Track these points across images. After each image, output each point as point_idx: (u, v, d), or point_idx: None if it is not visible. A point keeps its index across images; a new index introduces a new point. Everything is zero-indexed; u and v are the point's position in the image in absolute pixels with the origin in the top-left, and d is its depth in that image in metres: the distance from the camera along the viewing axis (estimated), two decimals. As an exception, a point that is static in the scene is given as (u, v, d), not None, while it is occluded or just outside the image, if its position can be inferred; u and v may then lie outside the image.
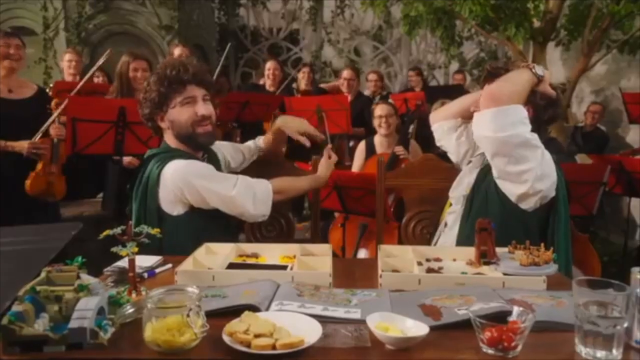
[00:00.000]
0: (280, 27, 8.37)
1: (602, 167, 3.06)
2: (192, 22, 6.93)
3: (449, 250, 1.57)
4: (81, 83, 3.08)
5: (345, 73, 4.89)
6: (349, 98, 4.62)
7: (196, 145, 1.79)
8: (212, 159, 1.87)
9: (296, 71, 5.45)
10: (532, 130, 1.65)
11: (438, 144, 2.10)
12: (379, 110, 3.69)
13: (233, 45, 8.27)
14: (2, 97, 2.76)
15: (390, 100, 4.42)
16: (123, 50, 3.42)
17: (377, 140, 3.75)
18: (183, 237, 1.64)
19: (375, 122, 3.71)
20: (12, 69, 2.80)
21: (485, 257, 1.40)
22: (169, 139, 1.80)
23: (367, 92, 5.57)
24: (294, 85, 5.34)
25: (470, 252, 1.46)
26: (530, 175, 1.57)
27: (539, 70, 1.66)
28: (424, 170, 2.19)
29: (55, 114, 2.82)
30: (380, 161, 2.25)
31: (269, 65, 4.87)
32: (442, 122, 2.05)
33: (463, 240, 1.74)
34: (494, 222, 1.61)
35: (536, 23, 5.43)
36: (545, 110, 1.73)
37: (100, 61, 3.16)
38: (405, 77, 7.88)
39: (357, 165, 3.79)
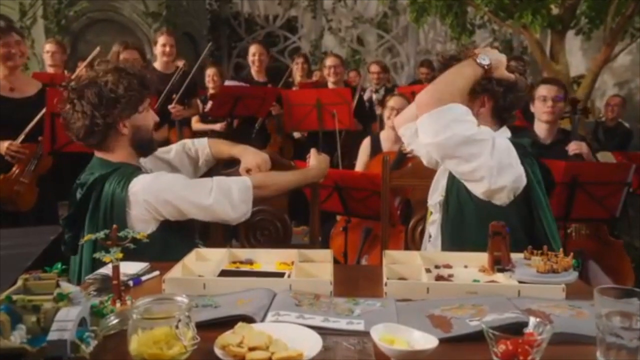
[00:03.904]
0: (277, 15, 8.39)
1: (625, 166, 3.05)
2: (181, 9, 6.95)
3: (460, 257, 1.56)
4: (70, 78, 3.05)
5: (329, 60, 4.65)
6: (332, 87, 4.55)
7: (148, 153, 1.85)
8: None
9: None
10: (496, 119, 1.73)
11: (408, 148, 2.10)
12: (393, 102, 3.68)
13: (225, 34, 8.29)
14: (3, 96, 2.73)
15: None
16: (106, 39, 3.44)
17: (383, 135, 3.74)
18: (159, 253, 1.60)
19: (385, 114, 3.70)
20: (15, 67, 2.78)
21: (499, 264, 1.40)
22: (119, 149, 1.75)
23: (369, 86, 5.56)
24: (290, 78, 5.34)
25: (483, 258, 1.46)
26: (484, 171, 1.58)
27: (483, 59, 1.66)
28: (432, 170, 2.18)
29: (40, 114, 2.79)
30: (385, 160, 2.25)
31: (253, 49, 4.61)
32: (408, 125, 2.00)
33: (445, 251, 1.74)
34: (471, 223, 1.64)
35: (554, 10, 5.43)
36: (504, 97, 1.75)
37: (90, 58, 3.17)
38: (412, 68, 7.90)
39: (361, 163, 3.78)
